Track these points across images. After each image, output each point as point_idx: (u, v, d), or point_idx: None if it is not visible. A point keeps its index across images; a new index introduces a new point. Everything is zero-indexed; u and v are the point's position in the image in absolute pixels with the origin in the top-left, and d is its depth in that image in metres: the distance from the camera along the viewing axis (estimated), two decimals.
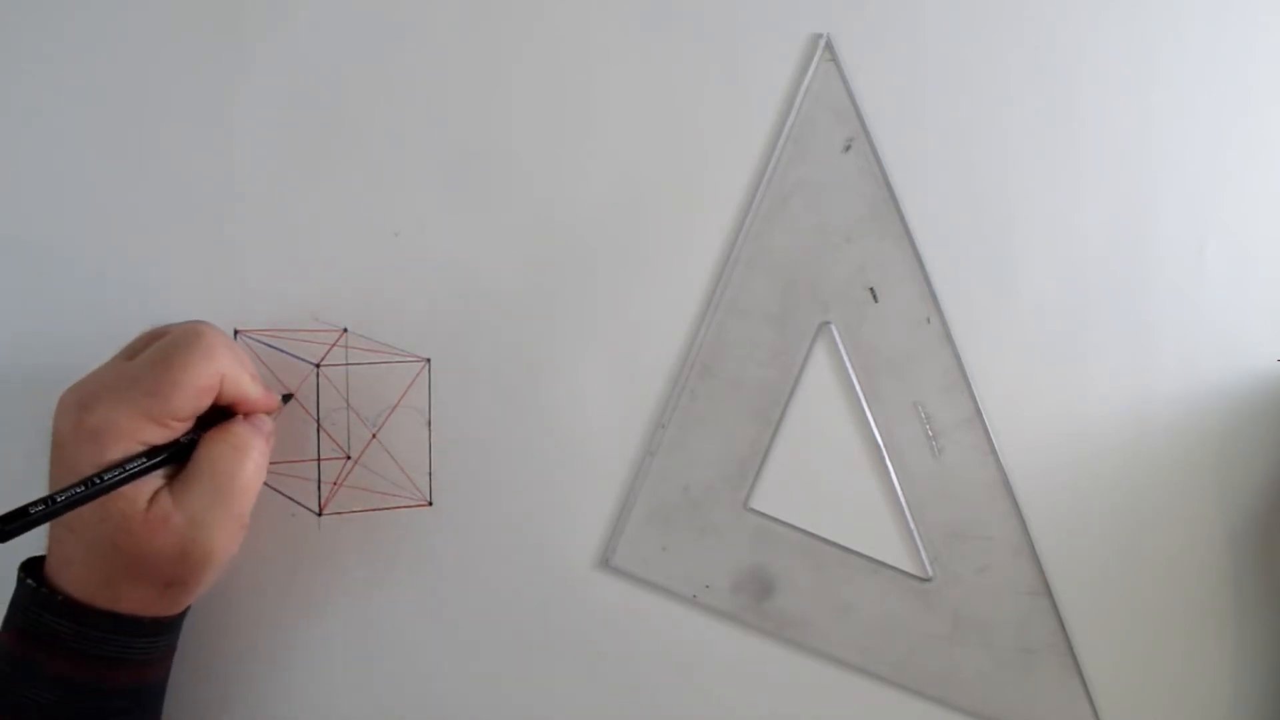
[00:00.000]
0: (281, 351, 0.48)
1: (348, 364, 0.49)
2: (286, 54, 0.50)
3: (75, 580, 0.41)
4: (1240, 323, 0.51)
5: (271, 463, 0.45)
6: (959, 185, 0.51)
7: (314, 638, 0.49)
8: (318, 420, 0.48)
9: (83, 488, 0.38)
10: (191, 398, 0.41)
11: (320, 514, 0.48)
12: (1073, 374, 0.51)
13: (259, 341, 0.48)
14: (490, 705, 0.50)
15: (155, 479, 0.41)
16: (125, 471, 0.39)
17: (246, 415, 0.43)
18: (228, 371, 0.42)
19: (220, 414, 0.43)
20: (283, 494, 0.48)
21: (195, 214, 0.49)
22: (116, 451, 0.39)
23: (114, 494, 0.39)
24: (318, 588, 0.49)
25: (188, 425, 0.42)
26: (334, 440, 0.49)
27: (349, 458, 0.49)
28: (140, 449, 0.40)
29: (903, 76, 0.50)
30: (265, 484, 0.44)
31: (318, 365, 0.48)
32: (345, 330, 0.49)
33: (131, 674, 0.42)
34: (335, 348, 0.49)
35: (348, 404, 0.49)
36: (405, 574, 0.50)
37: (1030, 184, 0.51)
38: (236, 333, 0.48)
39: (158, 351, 0.41)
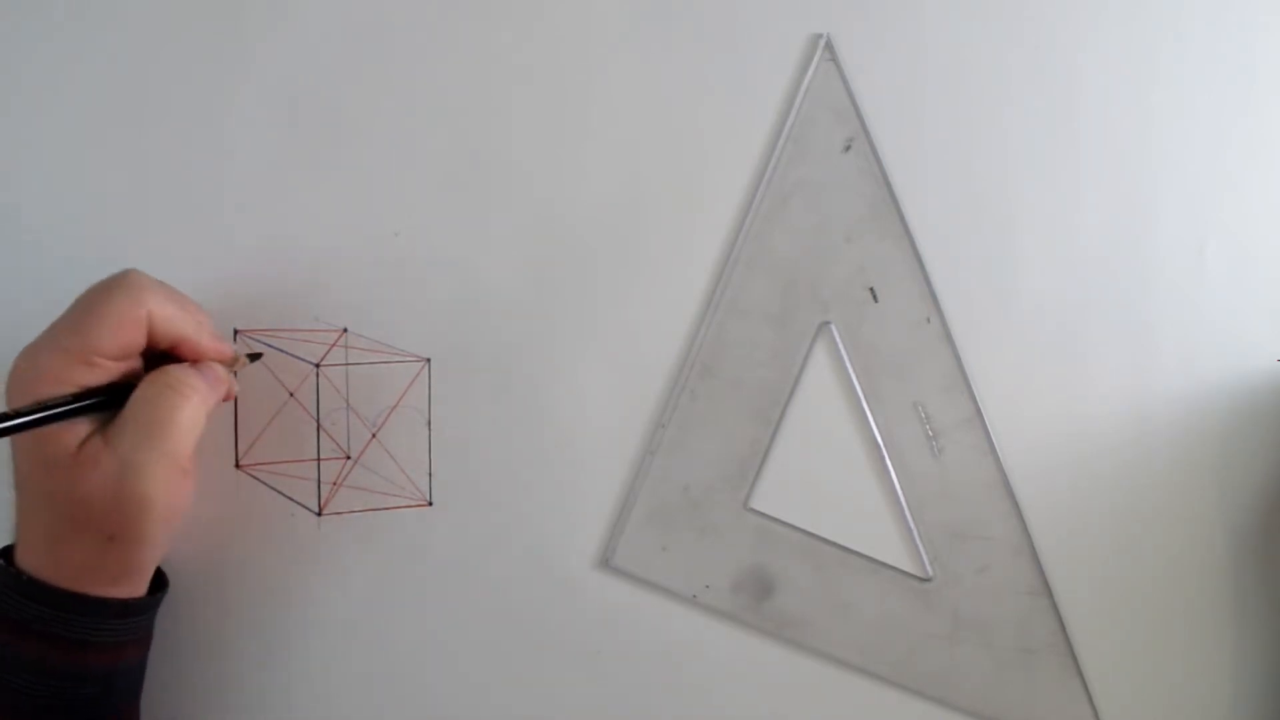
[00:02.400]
0: (281, 351, 0.48)
1: (348, 364, 0.49)
2: (286, 54, 0.50)
3: (22, 544, 0.41)
4: (1240, 323, 0.51)
5: (271, 462, 0.45)
6: (959, 185, 0.51)
7: (314, 638, 0.49)
8: (318, 420, 0.48)
9: None
10: (110, 331, 0.40)
11: (320, 514, 0.48)
12: (1073, 374, 0.51)
13: (259, 341, 0.48)
14: (490, 705, 0.50)
15: (89, 423, 0.40)
16: (44, 408, 0.38)
17: (196, 364, 0.43)
18: (157, 310, 0.41)
19: (169, 362, 0.42)
20: (283, 494, 0.48)
21: (195, 214, 0.49)
22: (47, 393, 0.39)
23: (46, 438, 0.39)
24: (318, 588, 0.49)
25: (122, 367, 0.41)
26: (334, 440, 0.48)
27: (349, 458, 0.49)
28: (72, 390, 0.40)
29: (903, 76, 0.50)
30: (265, 484, 0.44)
31: (318, 365, 0.48)
32: (345, 330, 0.49)
33: (101, 657, 0.42)
34: (335, 348, 0.49)
35: (348, 404, 0.49)
36: (405, 574, 0.50)
37: (1030, 184, 0.51)
38: (236, 333, 0.48)
39: (83, 294, 0.41)
